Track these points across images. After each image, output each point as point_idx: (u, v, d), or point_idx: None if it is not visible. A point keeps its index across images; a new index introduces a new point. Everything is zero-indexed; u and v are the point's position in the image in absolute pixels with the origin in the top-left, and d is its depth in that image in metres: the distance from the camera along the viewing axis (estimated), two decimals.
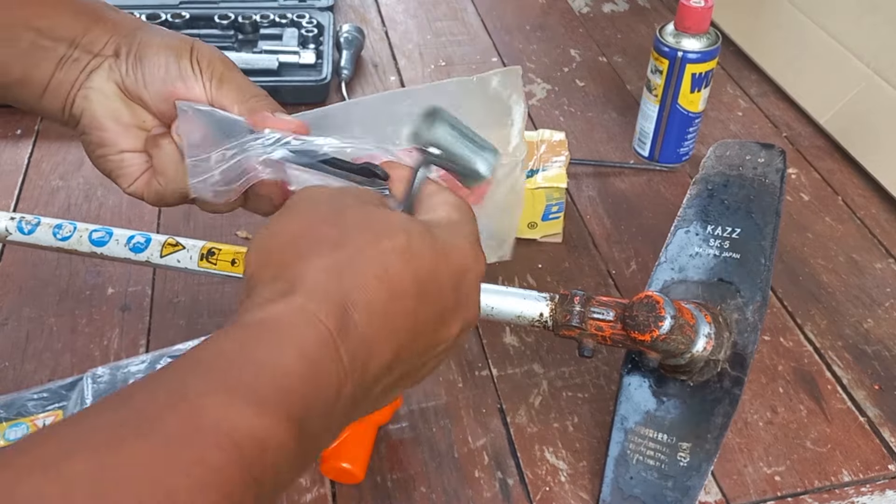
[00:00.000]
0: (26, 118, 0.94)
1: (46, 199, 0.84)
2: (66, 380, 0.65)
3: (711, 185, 0.67)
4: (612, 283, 0.76)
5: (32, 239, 0.67)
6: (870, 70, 0.89)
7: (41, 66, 0.46)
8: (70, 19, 0.46)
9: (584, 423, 0.64)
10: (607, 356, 0.68)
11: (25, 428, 0.61)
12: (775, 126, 0.96)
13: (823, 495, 0.59)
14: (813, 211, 0.84)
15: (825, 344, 0.70)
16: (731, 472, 0.61)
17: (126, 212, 0.82)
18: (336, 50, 1.04)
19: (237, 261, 0.64)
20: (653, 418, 0.59)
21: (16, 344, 0.69)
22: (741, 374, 0.57)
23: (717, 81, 1.00)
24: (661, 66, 0.83)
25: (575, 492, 0.59)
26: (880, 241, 0.81)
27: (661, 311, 0.54)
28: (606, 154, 0.92)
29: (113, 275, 0.75)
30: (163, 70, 0.46)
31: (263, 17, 1.03)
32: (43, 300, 0.73)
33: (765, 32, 1.04)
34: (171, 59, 0.46)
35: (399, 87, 1.02)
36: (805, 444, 0.63)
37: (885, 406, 0.65)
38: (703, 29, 0.81)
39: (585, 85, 1.03)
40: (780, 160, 0.67)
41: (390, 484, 0.59)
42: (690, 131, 0.87)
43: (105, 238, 0.66)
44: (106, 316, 0.71)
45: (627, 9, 1.19)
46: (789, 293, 0.75)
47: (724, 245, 0.63)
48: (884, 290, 0.75)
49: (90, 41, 0.46)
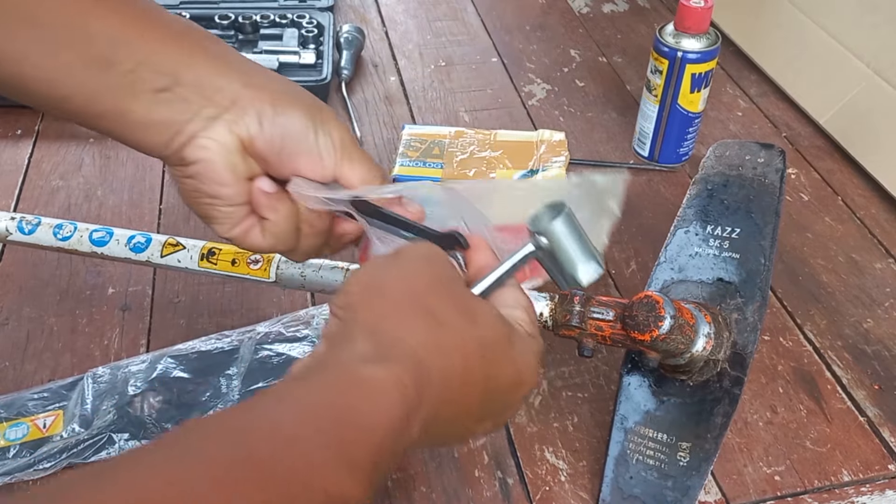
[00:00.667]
0: (26, 118, 0.94)
1: (47, 199, 0.84)
2: (66, 380, 0.65)
3: (711, 185, 0.67)
4: (612, 283, 0.76)
5: (33, 239, 0.67)
6: (870, 70, 0.89)
7: (139, 99, 0.42)
8: (174, 49, 0.42)
9: (584, 423, 0.64)
10: (607, 356, 0.68)
11: (26, 428, 0.61)
12: (775, 126, 0.96)
13: (823, 495, 0.59)
14: (813, 211, 0.85)
15: (825, 344, 0.70)
16: (731, 471, 0.61)
17: (126, 212, 0.82)
18: (336, 50, 1.04)
19: (237, 261, 0.64)
20: (652, 418, 0.59)
21: (16, 344, 0.69)
22: (741, 373, 0.57)
23: (716, 81, 1.00)
24: (661, 66, 0.83)
25: (575, 491, 0.59)
26: (880, 241, 0.81)
27: (660, 310, 0.54)
28: (606, 154, 0.92)
29: (113, 275, 0.75)
30: (297, 138, 0.44)
31: (263, 18, 1.04)
32: (43, 300, 0.73)
33: (764, 32, 1.04)
34: (308, 129, 0.44)
35: (399, 88, 1.02)
36: (805, 443, 0.63)
37: (885, 406, 0.65)
38: (702, 29, 0.81)
39: (585, 85, 1.03)
40: (780, 160, 0.67)
41: (390, 484, 0.59)
42: (690, 131, 0.87)
43: (105, 238, 0.66)
44: (106, 316, 0.71)
45: (627, 9, 1.19)
46: (789, 293, 0.75)
47: (724, 245, 0.63)
48: (884, 290, 0.75)
49: (198, 81, 0.42)
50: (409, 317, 0.36)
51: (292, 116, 0.44)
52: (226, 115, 0.43)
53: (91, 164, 0.88)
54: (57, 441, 0.60)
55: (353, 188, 0.45)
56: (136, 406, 0.63)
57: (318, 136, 0.44)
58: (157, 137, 0.43)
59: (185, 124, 0.43)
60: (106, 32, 0.41)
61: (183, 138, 0.43)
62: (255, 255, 0.64)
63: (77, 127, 0.94)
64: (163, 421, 0.62)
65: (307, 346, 0.67)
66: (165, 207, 0.83)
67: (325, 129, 0.45)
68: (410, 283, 0.38)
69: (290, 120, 0.44)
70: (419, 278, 0.38)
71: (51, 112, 0.44)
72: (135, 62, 0.41)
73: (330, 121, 0.45)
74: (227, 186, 0.44)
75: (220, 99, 0.43)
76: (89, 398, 0.63)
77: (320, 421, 0.31)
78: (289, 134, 0.44)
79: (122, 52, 0.41)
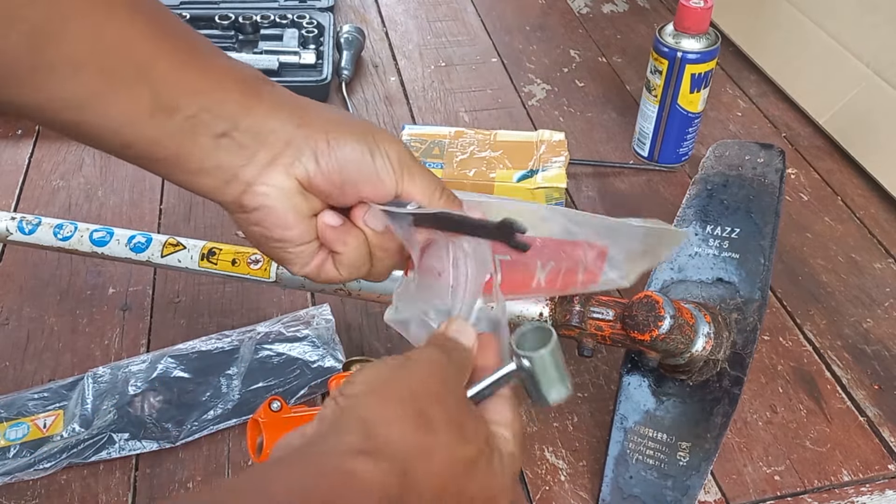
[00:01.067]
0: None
1: (47, 199, 0.84)
2: (66, 380, 0.65)
3: (711, 185, 0.67)
4: None
5: (33, 239, 0.67)
6: (869, 70, 0.89)
7: (198, 145, 0.41)
8: (233, 95, 0.42)
9: (584, 423, 0.64)
10: (607, 356, 0.68)
11: (26, 427, 0.61)
12: (775, 126, 0.96)
13: (823, 495, 0.59)
14: (812, 211, 0.85)
15: (825, 344, 0.70)
16: (731, 471, 0.61)
17: (127, 212, 0.82)
18: (336, 50, 1.04)
19: (237, 261, 0.64)
20: (652, 418, 0.59)
21: (16, 344, 0.69)
22: (740, 373, 0.57)
23: (716, 82, 1.00)
24: (661, 66, 0.83)
25: (575, 491, 0.59)
26: (880, 241, 0.81)
27: (660, 310, 0.54)
28: (606, 154, 0.92)
29: (114, 275, 0.75)
30: (356, 167, 0.44)
31: (264, 18, 1.04)
32: (43, 300, 0.73)
33: (764, 33, 1.05)
34: (365, 155, 0.44)
35: (399, 88, 1.02)
36: (805, 443, 0.63)
37: (885, 406, 0.65)
38: (702, 29, 0.81)
39: (585, 85, 1.03)
40: (780, 160, 0.67)
41: None
42: (690, 131, 0.87)
43: (106, 238, 0.66)
44: (106, 316, 0.72)
45: (627, 9, 1.19)
46: (789, 293, 0.75)
47: (724, 245, 0.63)
48: (883, 290, 0.75)
49: (255, 125, 0.42)
50: (405, 420, 0.37)
51: (347, 147, 0.44)
52: (282, 159, 0.43)
53: (91, 164, 0.88)
54: (57, 441, 0.60)
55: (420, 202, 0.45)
56: (136, 406, 0.63)
57: (374, 159, 0.44)
58: (213, 182, 0.43)
59: (241, 169, 0.43)
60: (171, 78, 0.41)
61: (241, 185, 0.43)
62: (256, 255, 0.64)
63: None
64: (163, 421, 0.62)
65: (307, 345, 0.67)
66: (165, 207, 0.83)
67: (382, 150, 0.44)
68: (413, 388, 0.38)
69: (345, 151, 0.44)
70: (422, 384, 0.39)
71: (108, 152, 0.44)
72: (197, 108, 0.41)
73: (385, 141, 0.45)
74: (292, 229, 0.44)
75: (274, 141, 0.43)
76: (89, 398, 0.63)
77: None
78: (347, 165, 0.44)
79: (184, 99, 0.41)
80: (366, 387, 0.38)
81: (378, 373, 0.39)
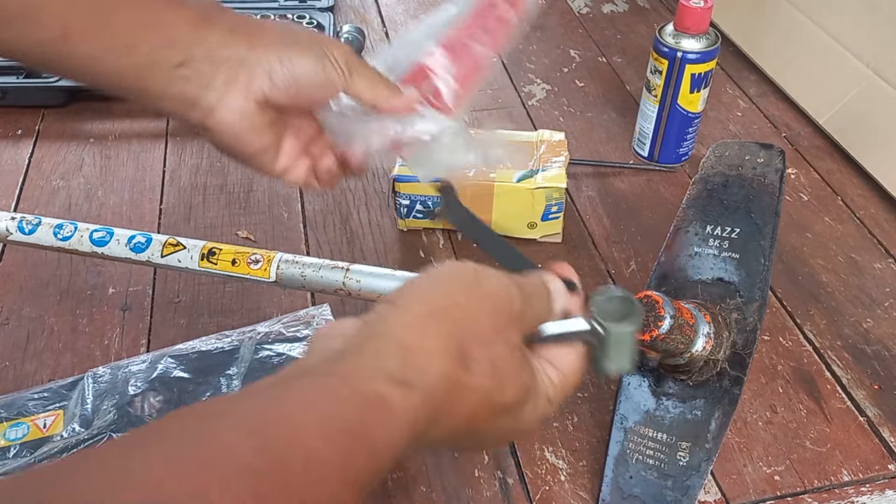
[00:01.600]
0: (26, 118, 0.94)
1: (47, 199, 0.84)
2: (66, 379, 0.65)
3: (711, 185, 0.67)
4: (612, 283, 0.76)
5: (33, 239, 0.67)
6: (869, 70, 0.89)
7: (159, 76, 0.46)
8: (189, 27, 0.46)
9: (584, 423, 0.64)
10: None
11: (26, 428, 0.61)
12: (774, 126, 0.96)
13: (823, 495, 0.59)
14: (812, 211, 0.85)
15: (825, 344, 0.70)
16: (731, 471, 0.61)
17: (127, 212, 0.82)
18: None
19: (237, 261, 0.64)
20: (652, 418, 0.59)
21: (16, 344, 0.69)
22: (740, 373, 0.57)
23: (716, 82, 1.00)
24: (661, 66, 0.83)
25: (575, 491, 0.59)
26: (880, 241, 0.81)
27: (660, 310, 0.54)
28: (606, 154, 0.92)
29: (114, 275, 0.75)
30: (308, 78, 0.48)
31: (264, 18, 1.04)
32: (43, 300, 0.73)
33: (764, 33, 1.05)
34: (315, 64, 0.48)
35: None
36: (804, 443, 0.63)
37: (885, 406, 0.65)
38: (702, 29, 0.81)
39: (585, 85, 1.03)
40: (780, 160, 0.67)
41: (390, 483, 0.59)
42: (690, 131, 0.87)
43: (106, 238, 0.66)
44: (107, 316, 0.72)
45: (627, 9, 1.20)
46: (789, 293, 0.75)
47: (724, 245, 0.63)
48: (883, 290, 0.75)
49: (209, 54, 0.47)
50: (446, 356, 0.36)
51: (298, 61, 0.48)
52: (238, 82, 0.47)
53: (91, 164, 0.88)
54: (57, 441, 0.60)
55: (367, 100, 0.50)
56: (136, 406, 0.63)
57: (325, 66, 0.48)
58: (178, 107, 0.48)
59: (201, 95, 0.47)
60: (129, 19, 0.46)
61: (202, 110, 0.47)
62: (256, 255, 0.64)
63: (77, 127, 0.94)
64: None
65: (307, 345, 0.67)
66: (165, 207, 0.83)
67: (330, 56, 0.49)
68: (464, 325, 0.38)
69: (297, 65, 0.48)
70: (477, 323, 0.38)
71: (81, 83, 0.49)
72: (153, 44, 0.46)
73: (331, 47, 0.49)
74: (254, 143, 0.50)
75: (229, 67, 0.47)
76: (89, 398, 0.63)
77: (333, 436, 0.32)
78: (299, 78, 0.48)
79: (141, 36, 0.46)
80: (421, 307, 0.38)
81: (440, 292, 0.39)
